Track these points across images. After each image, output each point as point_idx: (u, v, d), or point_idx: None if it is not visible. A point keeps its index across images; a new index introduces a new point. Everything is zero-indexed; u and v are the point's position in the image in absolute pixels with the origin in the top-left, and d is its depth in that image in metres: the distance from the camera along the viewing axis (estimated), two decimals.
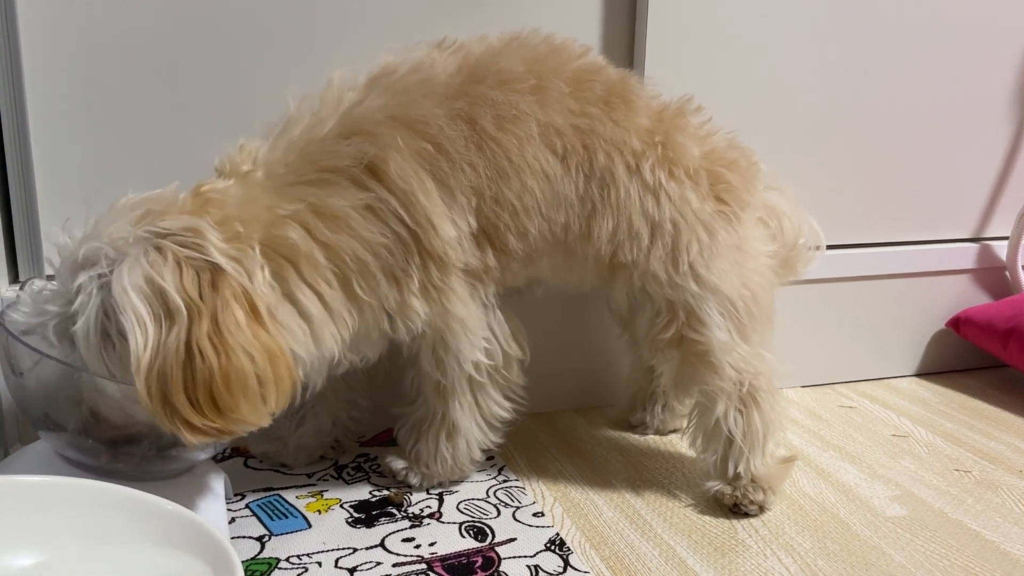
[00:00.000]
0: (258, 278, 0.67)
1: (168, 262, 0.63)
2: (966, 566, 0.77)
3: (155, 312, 0.62)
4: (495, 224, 0.77)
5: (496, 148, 0.75)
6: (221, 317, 0.63)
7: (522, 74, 0.77)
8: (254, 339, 0.64)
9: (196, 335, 0.62)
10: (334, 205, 0.71)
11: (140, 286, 0.62)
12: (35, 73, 0.82)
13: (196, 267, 0.64)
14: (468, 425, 0.84)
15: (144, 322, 0.61)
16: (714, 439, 0.85)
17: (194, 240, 0.65)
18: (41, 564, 0.58)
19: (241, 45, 0.87)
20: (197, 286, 0.63)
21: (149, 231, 0.64)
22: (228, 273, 0.64)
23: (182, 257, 0.63)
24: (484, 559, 0.75)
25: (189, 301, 0.62)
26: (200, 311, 0.62)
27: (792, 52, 1.06)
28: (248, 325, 0.64)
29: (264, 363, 0.65)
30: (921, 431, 1.07)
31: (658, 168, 0.79)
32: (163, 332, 0.62)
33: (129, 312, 0.61)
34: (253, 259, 0.67)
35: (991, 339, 1.19)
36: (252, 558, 0.74)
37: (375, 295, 0.74)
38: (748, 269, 0.83)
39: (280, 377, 0.66)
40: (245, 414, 0.64)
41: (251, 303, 0.65)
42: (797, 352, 1.16)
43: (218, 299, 0.63)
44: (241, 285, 0.65)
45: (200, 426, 0.62)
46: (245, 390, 0.64)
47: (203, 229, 0.65)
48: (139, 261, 0.63)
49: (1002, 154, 1.22)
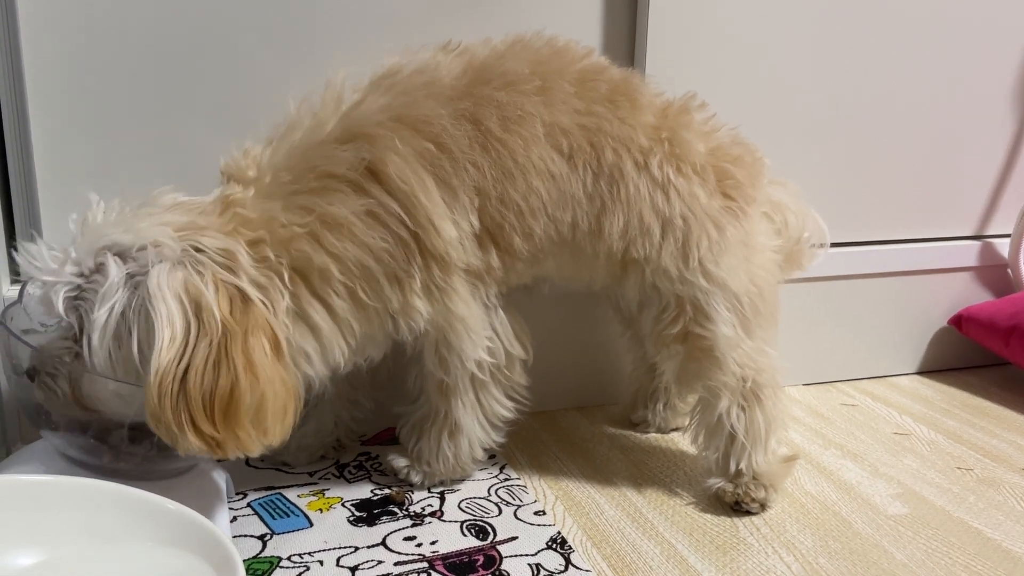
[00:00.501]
0: (280, 309, 0.69)
1: (207, 279, 0.65)
2: (968, 564, 0.77)
3: (188, 316, 0.63)
4: (500, 224, 0.77)
5: (502, 149, 0.75)
6: (251, 341, 0.65)
7: (527, 75, 0.77)
8: (274, 371, 0.66)
9: (230, 348, 0.64)
10: (337, 213, 0.71)
11: (178, 289, 0.64)
12: (36, 73, 0.82)
13: (229, 291, 0.66)
14: (470, 424, 0.84)
15: (174, 321, 0.63)
16: (716, 436, 0.85)
17: (229, 263, 0.67)
18: (42, 563, 0.58)
19: (242, 44, 0.87)
20: (230, 307, 0.65)
21: (191, 244, 0.66)
22: (254, 303, 0.66)
23: (219, 278, 0.66)
24: (486, 558, 0.75)
25: (224, 317, 0.64)
26: (234, 329, 0.64)
27: (793, 50, 1.06)
28: (271, 356, 0.66)
29: (283, 398, 0.67)
30: (923, 429, 1.07)
31: (666, 164, 0.79)
32: (192, 336, 0.63)
33: (162, 309, 0.63)
34: (277, 288, 0.69)
35: (993, 337, 1.19)
36: (254, 557, 0.74)
37: (379, 299, 0.74)
38: (755, 264, 0.83)
39: (286, 410, 0.68)
40: (247, 437, 0.66)
41: (273, 337, 0.67)
42: (799, 350, 1.16)
43: (249, 323, 0.65)
44: (265, 318, 0.67)
45: (205, 433, 0.63)
46: (257, 415, 0.65)
47: (238, 254, 0.67)
48: (180, 267, 0.65)
49: (1004, 151, 1.22)
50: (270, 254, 0.69)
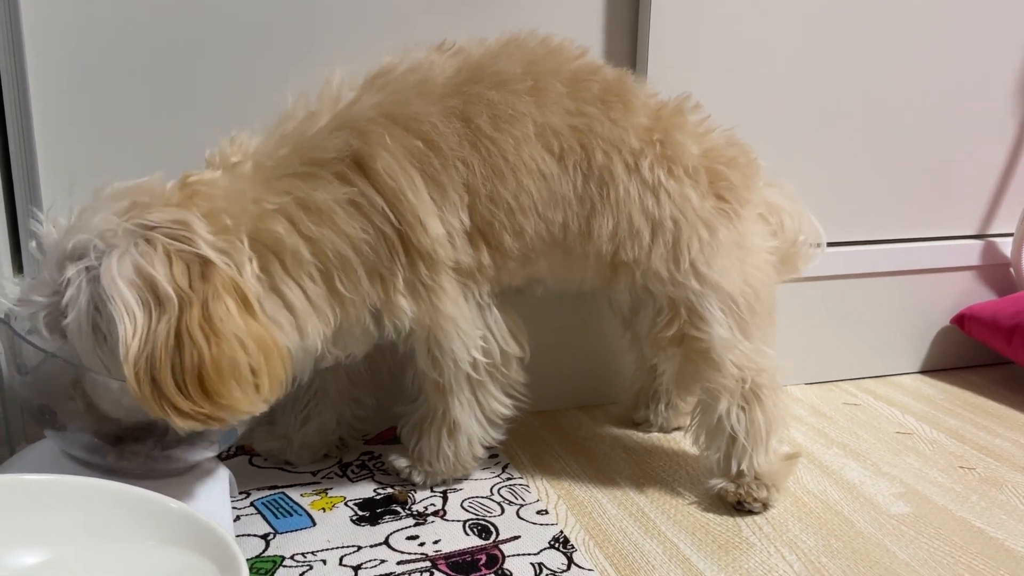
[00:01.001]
0: (247, 270, 0.67)
1: (158, 254, 0.63)
2: (970, 563, 0.77)
3: (144, 301, 0.62)
4: (490, 222, 0.77)
5: (492, 147, 0.75)
6: (212, 306, 0.63)
7: (519, 75, 0.77)
8: (245, 328, 0.65)
9: (186, 322, 0.62)
10: (318, 199, 0.71)
11: (129, 276, 0.62)
12: (38, 70, 0.82)
13: (186, 259, 0.64)
14: (468, 422, 0.84)
15: (132, 310, 0.61)
16: (717, 436, 0.85)
17: (183, 232, 0.65)
18: (46, 563, 0.58)
19: (241, 42, 0.87)
20: (187, 277, 0.63)
21: (137, 224, 0.64)
22: (217, 265, 0.65)
23: (172, 249, 0.64)
24: (488, 557, 0.75)
25: (179, 290, 0.63)
26: (191, 300, 0.63)
27: (794, 49, 1.06)
28: (239, 315, 0.65)
29: (256, 352, 0.65)
30: (925, 428, 1.07)
31: (657, 166, 0.79)
32: (152, 320, 0.62)
33: (118, 301, 0.61)
34: (241, 251, 0.67)
35: (995, 336, 1.19)
36: (257, 556, 0.74)
37: (357, 292, 0.74)
38: (749, 266, 0.83)
39: (272, 365, 0.66)
40: (237, 401, 0.64)
41: (241, 294, 0.66)
42: (801, 349, 1.16)
43: (208, 289, 0.64)
44: (230, 277, 0.65)
45: (188, 411, 0.62)
46: (237, 377, 0.64)
47: (191, 222, 0.65)
48: (128, 252, 0.63)
49: (1006, 150, 1.22)
50: (227, 222, 0.67)
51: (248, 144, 0.74)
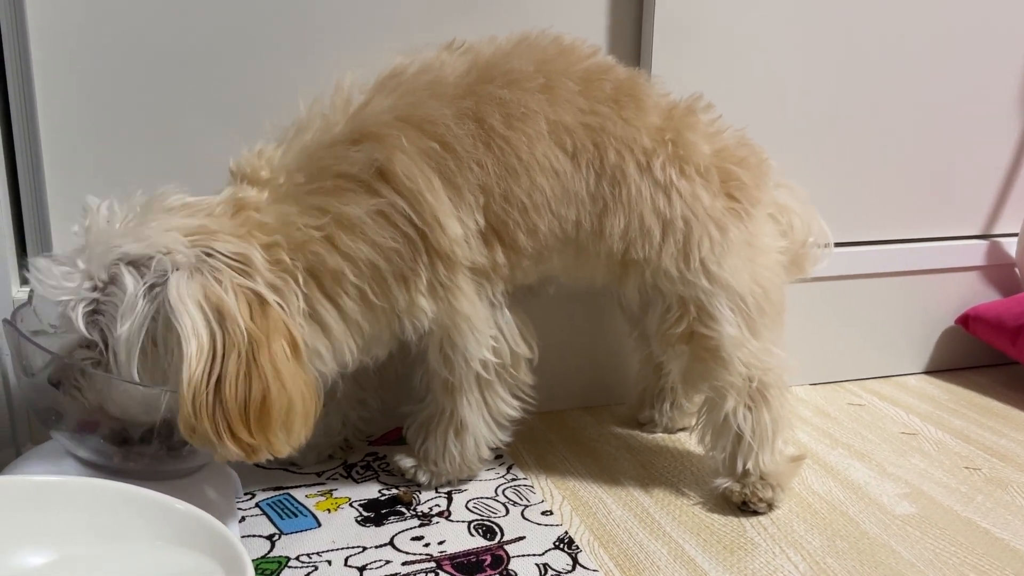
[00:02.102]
0: (294, 310, 0.69)
1: (225, 286, 0.65)
2: (976, 564, 0.77)
3: (210, 327, 0.64)
4: (504, 221, 0.77)
5: (505, 146, 0.75)
6: (274, 346, 0.65)
7: (531, 73, 0.77)
8: (297, 373, 0.67)
9: (260, 358, 0.64)
10: (351, 214, 0.72)
11: (198, 299, 0.64)
12: (45, 76, 0.82)
13: (246, 295, 0.66)
14: (476, 423, 0.84)
15: (200, 333, 0.63)
16: (723, 436, 0.85)
17: (245, 268, 0.67)
18: (52, 563, 0.58)
19: (249, 46, 0.87)
20: (250, 313, 0.65)
21: (205, 251, 0.66)
22: (272, 307, 0.67)
23: (235, 284, 0.66)
24: (493, 557, 0.75)
25: (249, 324, 0.65)
26: (260, 338, 0.65)
27: (799, 50, 1.06)
28: (293, 358, 0.67)
29: (304, 396, 0.67)
30: (930, 429, 1.07)
31: (669, 166, 0.80)
32: (218, 346, 0.63)
33: (187, 323, 0.63)
34: (293, 291, 0.69)
35: (1000, 336, 1.19)
36: (262, 556, 0.74)
37: (387, 299, 0.75)
38: (759, 265, 0.83)
39: (309, 411, 0.69)
40: (277, 440, 0.67)
41: (291, 339, 0.68)
42: (806, 350, 1.16)
43: (269, 329, 0.66)
44: (283, 320, 0.67)
45: (244, 440, 0.64)
46: (287, 418, 0.66)
47: (253, 258, 0.68)
48: (199, 276, 0.65)
49: (1010, 150, 1.22)
50: (285, 257, 0.69)
51: (273, 156, 0.75)
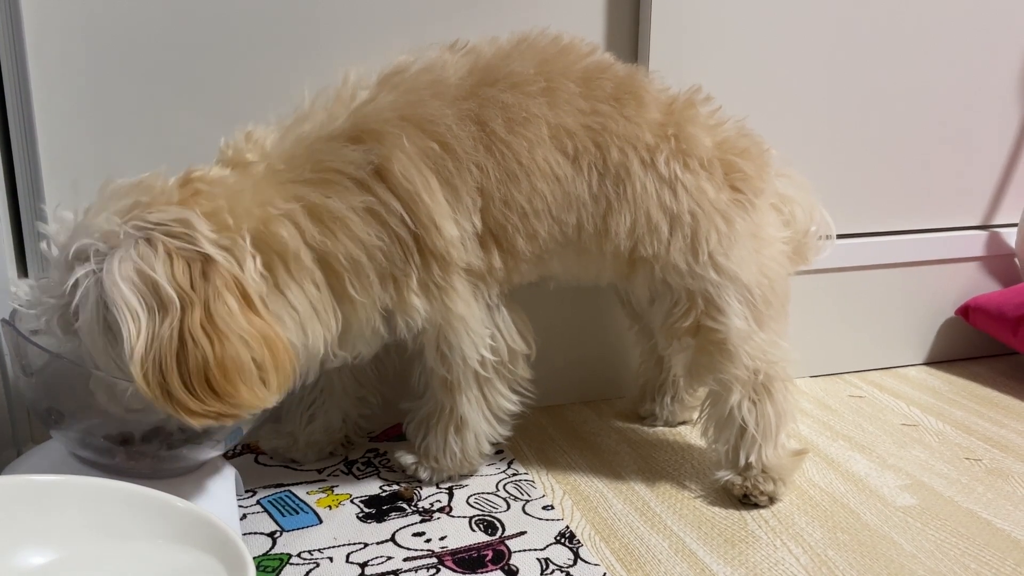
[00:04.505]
0: (248, 267, 0.68)
1: (159, 254, 0.64)
2: (977, 554, 0.77)
3: (147, 303, 0.62)
4: (503, 226, 0.77)
5: (506, 151, 0.75)
6: (213, 305, 0.64)
7: (532, 76, 0.77)
8: (248, 326, 0.65)
9: (189, 324, 0.62)
10: (332, 206, 0.71)
11: (131, 278, 0.63)
12: (41, 70, 0.82)
13: (187, 257, 0.64)
14: (476, 419, 0.84)
15: (136, 313, 0.62)
16: (727, 428, 0.85)
17: (184, 231, 0.65)
18: (54, 562, 0.58)
19: (248, 40, 0.87)
20: (188, 276, 0.64)
21: (138, 224, 0.65)
22: (219, 263, 0.65)
23: (172, 248, 0.64)
24: (494, 552, 0.75)
25: (181, 291, 0.63)
26: (192, 300, 0.63)
27: (797, 42, 1.06)
28: (241, 312, 0.65)
29: (261, 348, 0.65)
30: (931, 420, 1.07)
31: (672, 160, 0.79)
32: (156, 322, 0.62)
33: (121, 304, 0.62)
34: (243, 248, 0.68)
35: (1001, 327, 1.19)
36: (264, 554, 0.74)
37: (368, 295, 0.74)
38: (765, 256, 0.83)
39: (279, 360, 0.67)
40: (246, 398, 0.65)
41: (243, 291, 0.66)
42: (806, 341, 1.16)
43: (210, 288, 0.64)
44: (232, 274, 0.66)
45: (199, 411, 0.63)
46: (243, 375, 0.64)
47: (192, 220, 0.66)
48: (129, 254, 0.63)
49: (1010, 141, 1.22)
50: (229, 221, 0.68)
51: (264, 141, 0.74)
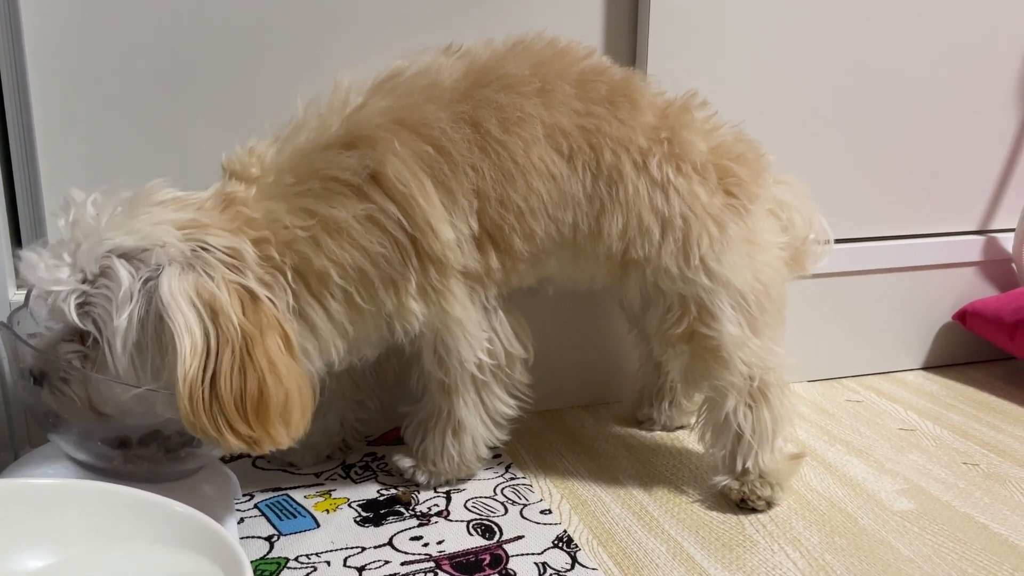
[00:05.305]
0: (282, 306, 0.70)
1: (217, 280, 0.65)
2: (974, 559, 0.77)
3: (203, 323, 0.64)
4: (499, 226, 0.77)
5: (501, 151, 0.76)
6: (269, 340, 0.66)
7: (527, 77, 0.77)
8: (292, 366, 0.67)
9: (254, 353, 0.64)
10: (338, 217, 0.72)
11: (190, 295, 0.64)
12: (39, 74, 0.82)
13: (238, 292, 0.66)
14: (473, 422, 0.84)
15: (192, 330, 0.63)
16: (723, 434, 0.85)
17: (236, 263, 0.67)
18: (52, 566, 0.58)
19: (245, 42, 0.87)
20: (242, 308, 0.66)
21: (200, 244, 0.66)
22: (262, 302, 0.67)
23: (227, 278, 0.66)
24: (492, 557, 0.75)
25: (242, 320, 0.65)
26: (253, 333, 0.65)
27: (795, 46, 1.06)
28: (285, 352, 0.67)
29: (300, 388, 0.68)
30: (928, 424, 1.07)
31: (665, 164, 0.80)
32: (212, 342, 0.63)
33: (178, 318, 0.63)
34: (282, 286, 0.70)
35: (998, 331, 1.19)
36: (261, 558, 0.74)
37: (374, 303, 0.75)
38: (759, 262, 0.83)
39: (305, 403, 0.69)
40: (277, 432, 0.67)
41: (283, 333, 0.68)
42: (803, 346, 1.16)
43: (262, 324, 0.66)
44: (274, 314, 0.68)
45: (243, 433, 0.65)
46: (284, 411, 0.66)
47: (244, 253, 0.68)
48: (192, 271, 0.65)
49: (1007, 146, 1.22)
50: (274, 254, 0.70)
51: (265, 154, 0.74)
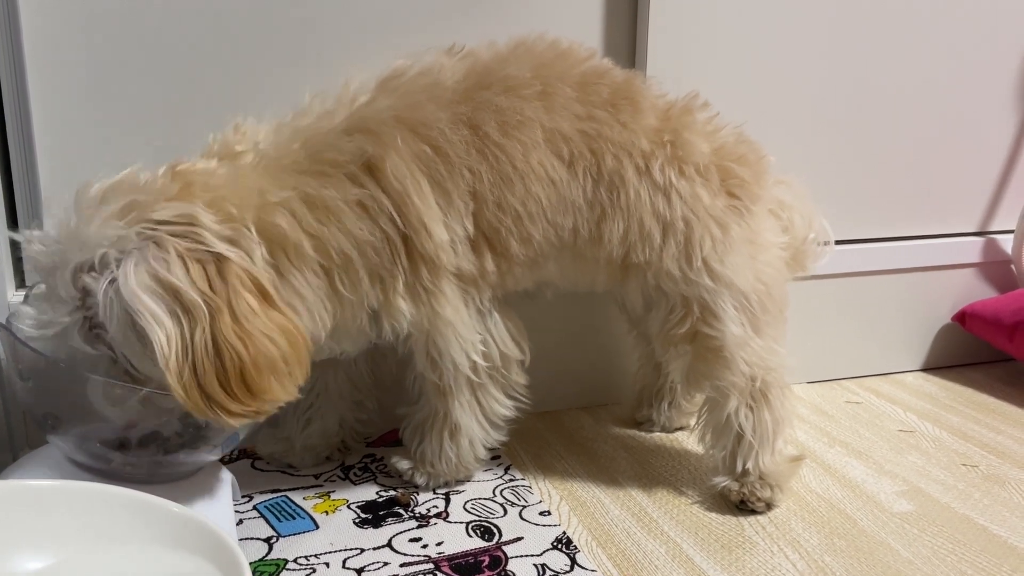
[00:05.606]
0: (257, 258, 0.68)
1: (172, 257, 0.63)
2: (973, 561, 0.77)
3: (171, 310, 0.62)
4: (496, 229, 0.77)
5: (500, 154, 0.75)
6: (236, 306, 0.64)
7: (528, 80, 0.77)
8: (269, 321, 0.65)
9: (221, 329, 0.63)
10: (326, 196, 0.71)
11: (150, 286, 0.62)
12: (39, 74, 0.82)
13: (199, 259, 0.64)
14: (470, 424, 0.84)
15: (162, 320, 0.62)
16: (724, 435, 0.85)
17: (190, 228, 0.64)
18: (50, 567, 0.58)
19: (247, 39, 0.87)
20: (206, 278, 0.63)
21: (144, 226, 0.64)
22: (231, 260, 0.65)
23: (183, 250, 0.63)
24: (491, 558, 0.75)
25: (204, 295, 0.63)
26: (217, 304, 0.63)
27: (795, 47, 1.06)
28: (261, 307, 0.65)
29: (283, 341, 0.66)
30: (928, 426, 1.07)
31: (668, 167, 0.79)
32: (185, 329, 0.62)
33: (145, 313, 0.62)
34: (249, 238, 0.67)
35: (997, 333, 1.19)
36: (260, 559, 0.74)
37: (356, 292, 0.74)
38: (761, 262, 0.83)
39: (299, 351, 0.67)
40: (277, 392, 0.66)
41: (258, 285, 0.66)
42: (803, 348, 1.16)
43: (229, 288, 0.64)
44: (245, 269, 0.66)
45: (238, 411, 0.64)
46: (274, 371, 0.65)
47: (197, 214, 0.65)
48: (144, 259, 0.63)
49: (1007, 147, 1.22)
50: (232, 210, 0.67)
51: (255, 133, 0.74)
